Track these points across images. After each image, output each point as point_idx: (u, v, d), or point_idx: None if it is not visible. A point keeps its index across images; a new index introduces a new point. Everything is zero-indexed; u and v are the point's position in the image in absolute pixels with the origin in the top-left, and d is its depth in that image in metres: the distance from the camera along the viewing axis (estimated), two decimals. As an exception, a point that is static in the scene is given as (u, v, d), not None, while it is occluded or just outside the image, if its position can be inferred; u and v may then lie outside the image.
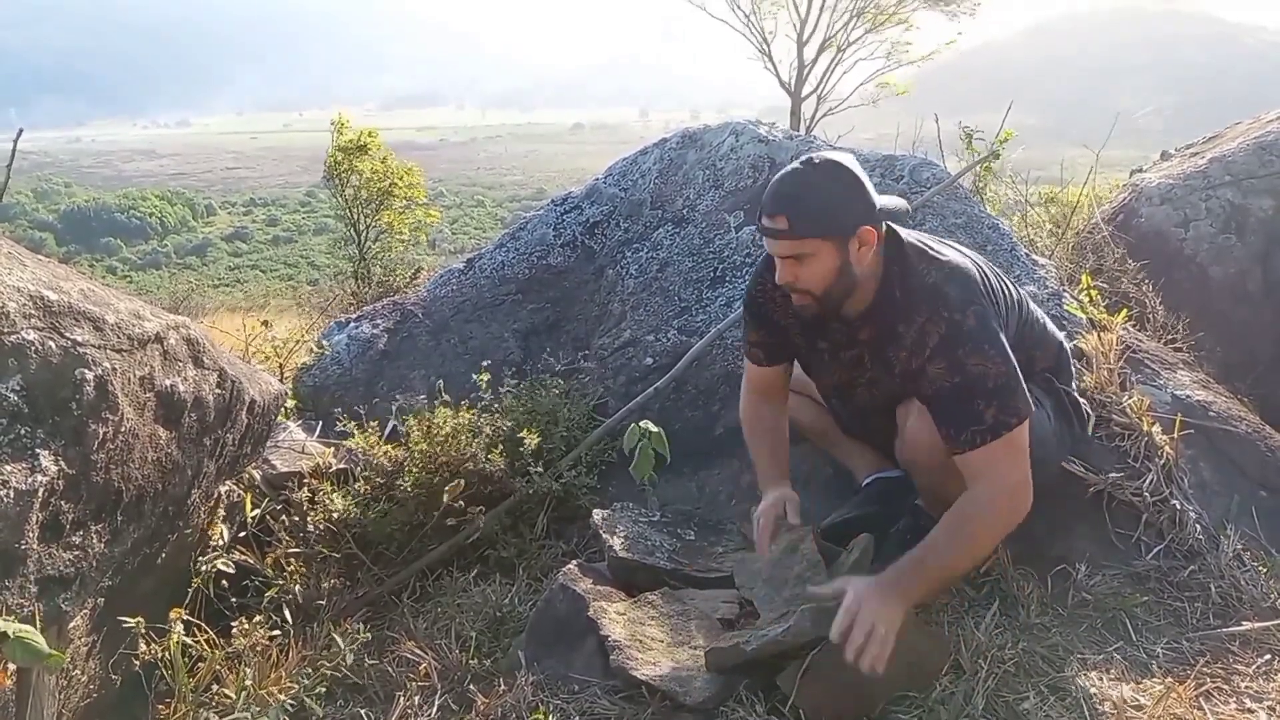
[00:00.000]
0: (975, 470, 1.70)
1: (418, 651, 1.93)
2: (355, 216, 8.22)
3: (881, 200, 1.78)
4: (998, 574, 2.01)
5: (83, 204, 56.87)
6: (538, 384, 2.90)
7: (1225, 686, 1.70)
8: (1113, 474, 2.16)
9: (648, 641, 1.80)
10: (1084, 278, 2.72)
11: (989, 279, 1.89)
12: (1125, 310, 2.71)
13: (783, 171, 1.78)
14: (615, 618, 1.85)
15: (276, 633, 1.89)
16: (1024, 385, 1.73)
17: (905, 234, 1.85)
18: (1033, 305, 2.07)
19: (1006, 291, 1.94)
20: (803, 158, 1.78)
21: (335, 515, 2.27)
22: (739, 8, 16.76)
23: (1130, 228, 3.59)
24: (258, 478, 2.33)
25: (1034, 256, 3.02)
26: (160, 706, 1.71)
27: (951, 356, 1.71)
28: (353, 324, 3.48)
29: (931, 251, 1.83)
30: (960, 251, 1.91)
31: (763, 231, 1.80)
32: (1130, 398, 2.30)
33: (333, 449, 2.61)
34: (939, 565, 1.69)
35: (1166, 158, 4.14)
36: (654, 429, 2.17)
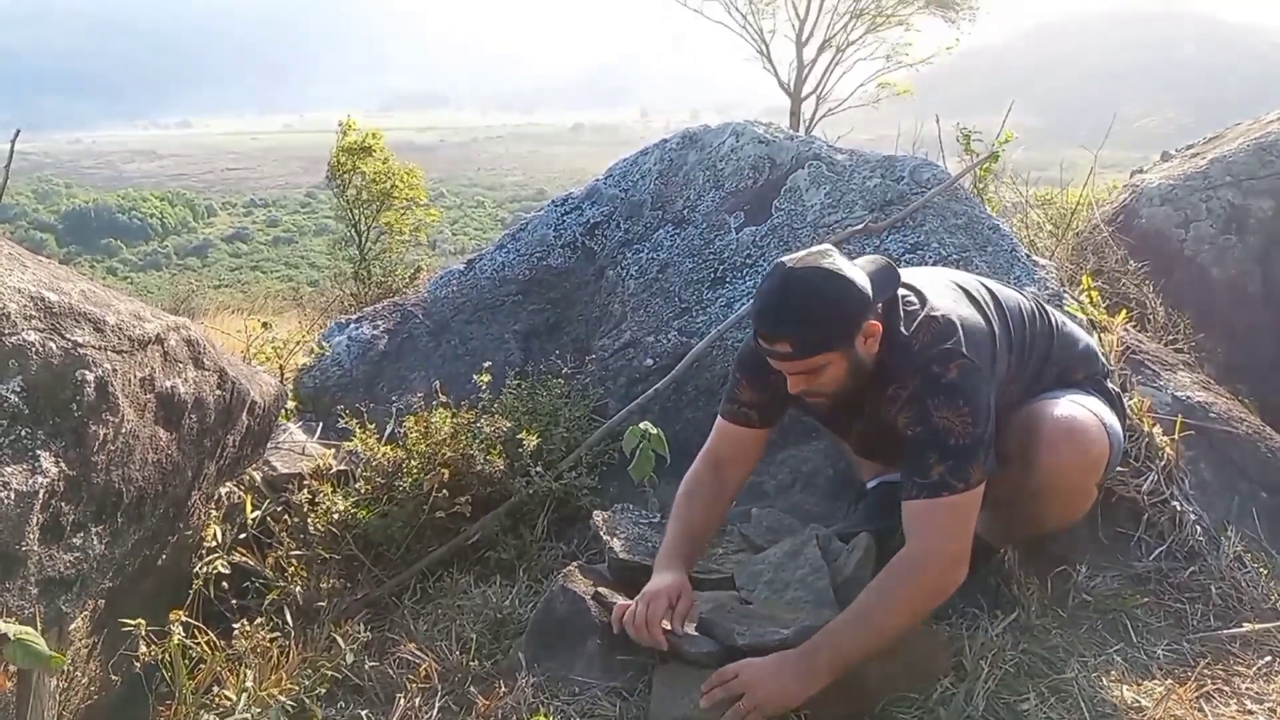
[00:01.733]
0: (910, 524, 1.64)
1: (418, 653, 1.93)
2: (356, 217, 8.23)
3: (871, 275, 1.70)
4: (999, 579, 2.00)
5: (83, 205, 56.90)
6: (538, 385, 2.90)
7: (1226, 688, 1.70)
8: (1113, 475, 2.16)
9: None
10: (1084, 279, 2.72)
11: (992, 309, 1.82)
12: (1126, 311, 2.71)
13: (769, 286, 1.67)
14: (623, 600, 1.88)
15: (277, 634, 1.89)
16: (989, 455, 1.64)
17: (905, 285, 1.78)
18: (1056, 312, 2.00)
19: (1021, 308, 1.89)
20: (781, 267, 1.68)
21: (336, 517, 2.27)
22: (735, 9, 16.76)
23: (1131, 228, 3.59)
24: (258, 479, 2.33)
25: (1034, 257, 3.02)
26: (160, 708, 1.71)
27: (921, 406, 1.65)
28: (353, 325, 3.48)
29: (922, 309, 1.74)
30: (957, 288, 1.84)
31: (764, 352, 1.72)
32: (1131, 399, 2.30)
33: (333, 450, 2.61)
34: (852, 635, 1.60)
35: (1167, 158, 4.14)
36: (654, 430, 2.17)
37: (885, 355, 1.72)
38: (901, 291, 1.76)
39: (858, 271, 1.68)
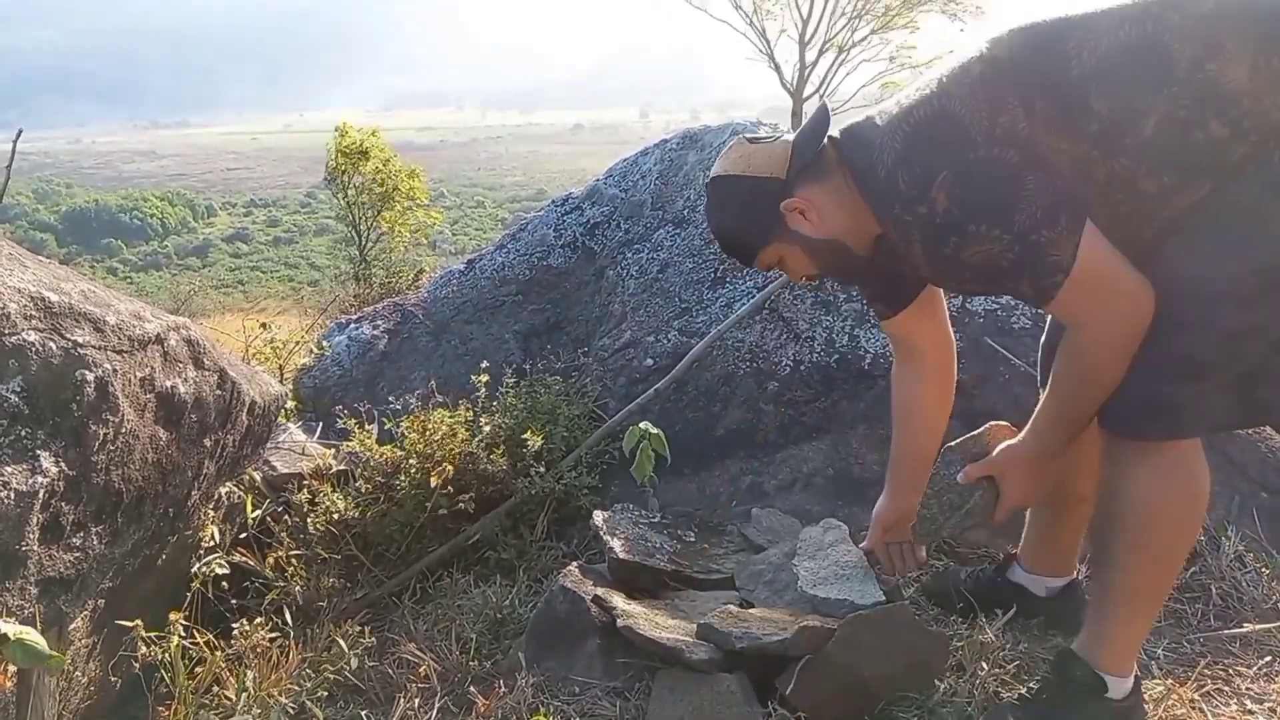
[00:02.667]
0: (1066, 321, 1.44)
1: (418, 653, 1.93)
2: (356, 218, 8.25)
3: (795, 142, 1.55)
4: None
5: (83, 205, 56.94)
6: (538, 384, 2.90)
7: (1226, 688, 1.69)
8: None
9: (654, 620, 1.81)
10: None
11: (968, 86, 1.38)
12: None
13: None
14: (622, 602, 1.87)
15: (277, 634, 1.89)
16: (1052, 221, 1.30)
17: (851, 133, 1.53)
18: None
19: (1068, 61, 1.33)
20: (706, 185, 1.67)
21: (335, 516, 2.27)
22: (740, 8, 16.74)
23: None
24: (258, 479, 2.33)
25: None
26: (160, 708, 1.71)
27: (946, 260, 1.41)
28: (353, 325, 3.48)
29: (878, 137, 1.45)
30: (942, 75, 1.43)
31: None
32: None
33: (332, 450, 2.61)
34: (1062, 416, 1.48)
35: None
36: (654, 430, 2.17)
37: (868, 203, 1.50)
38: (858, 133, 1.52)
39: (762, 153, 1.56)
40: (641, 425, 2.17)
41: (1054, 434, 1.51)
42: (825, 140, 1.56)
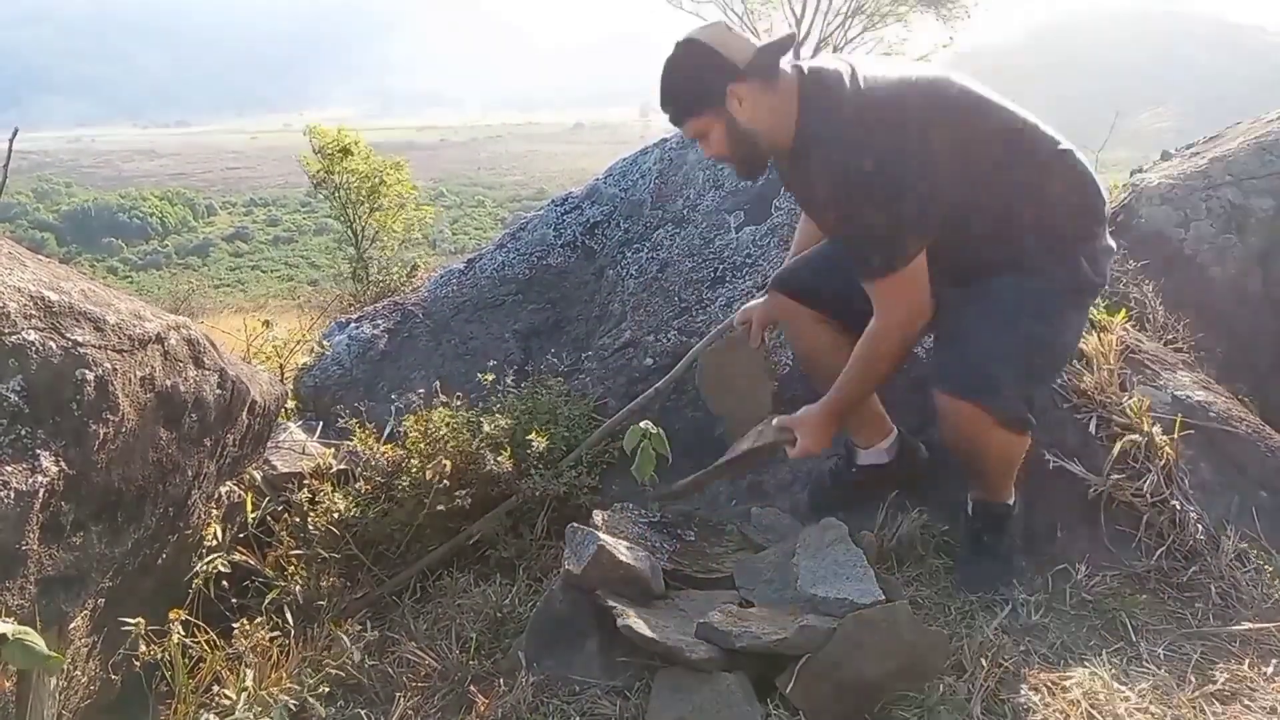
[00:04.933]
0: (872, 300, 1.84)
1: (418, 652, 1.93)
2: (351, 217, 8.25)
3: (757, 47, 1.82)
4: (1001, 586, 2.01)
5: (83, 204, 56.93)
6: (539, 384, 2.90)
7: (1226, 688, 1.69)
8: (1113, 475, 2.16)
9: (653, 620, 1.80)
10: (1084, 278, 2.71)
11: (923, 95, 1.79)
12: (1125, 311, 2.71)
13: None
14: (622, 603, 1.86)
15: (277, 633, 1.89)
16: (919, 225, 1.75)
17: (817, 73, 1.83)
18: (1051, 133, 1.89)
19: (958, 104, 1.82)
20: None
21: (336, 516, 2.27)
22: (731, 10, 16.77)
23: (1130, 228, 3.58)
24: (258, 478, 2.33)
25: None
26: (161, 708, 1.71)
27: (842, 207, 1.80)
28: (353, 324, 3.48)
29: (855, 86, 1.78)
30: (885, 77, 1.81)
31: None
32: (1130, 398, 2.30)
33: (333, 449, 2.61)
34: (852, 389, 1.93)
35: (1167, 158, 4.13)
36: (654, 429, 2.17)
37: (800, 124, 1.82)
38: (819, 71, 1.83)
39: (736, 41, 1.83)
40: (642, 425, 2.17)
41: (841, 402, 1.95)
42: (784, 61, 1.84)
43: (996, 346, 1.80)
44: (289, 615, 2.01)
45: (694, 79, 1.85)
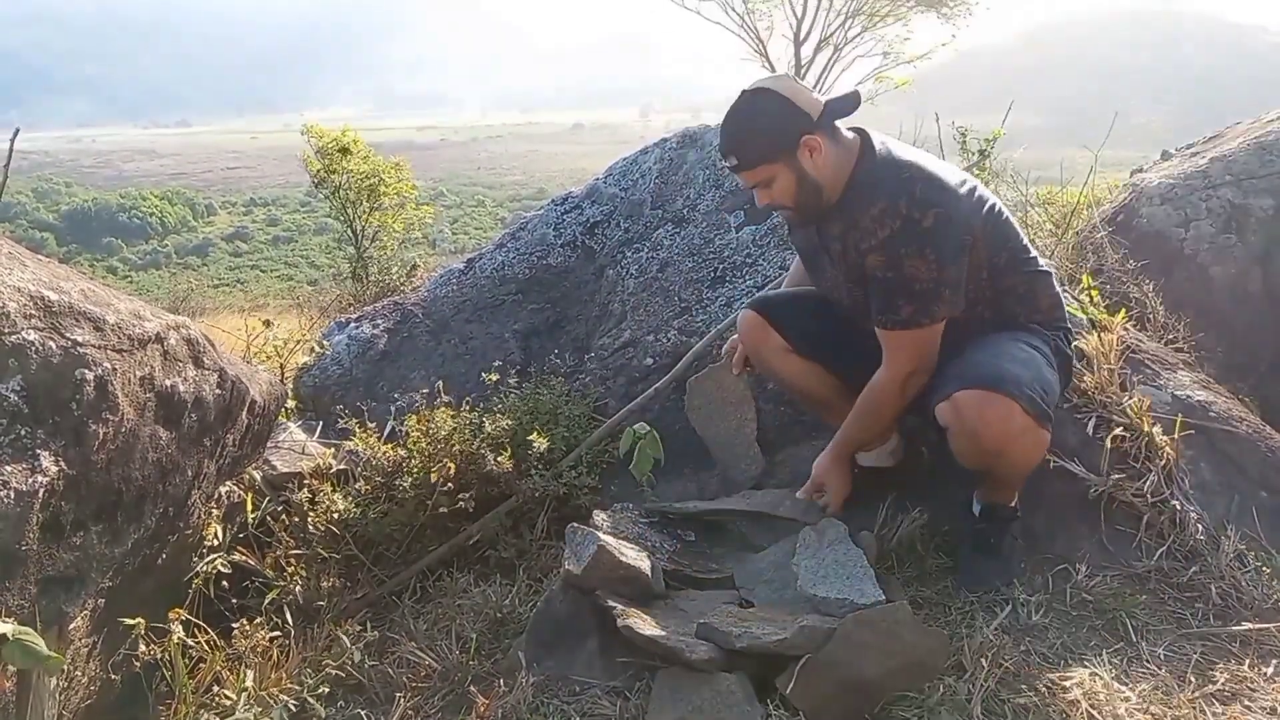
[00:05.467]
0: (885, 349, 1.93)
1: (418, 652, 1.93)
2: (350, 217, 8.25)
3: (827, 102, 1.90)
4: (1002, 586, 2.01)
5: (83, 204, 56.89)
6: (540, 384, 2.90)
7: (1226, 688, 1.69)
8: (1113, 475, 2.16)
9: (653, 621, 1.80)
10: (1084, 278, 2.72)
11: (972, 192, 1.93)
12: (1125, 311, 2.71)
13: (728, 109, 1.96)
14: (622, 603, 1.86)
15: (277, 634, 1.89)
16: (956, 293, 1.86)
17: (883, 139, 1.95)
18: (1028, 245, 2.06)
19: (996, 214, 1.97)
20: (740, 93, 1.94)
21: (336, 516, 2.27)
22: (732, 10, 16.78)
23: (1130, 228, 3.58)
24: (258, 478, 2.33)
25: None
26: (161, 708, 1.71)
27: (894, 252, 1.84)
28: (353, 324, 3.48)
29: (905, 156, 1.91)
30: (946, 167, 1.96)
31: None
32: (1131, 398, 2.30)
33: (333, 449, 2.61)
34: (856, 434, 2.08)
35: (1167, 158, 4.14)
36: (646, 430, 2.19)
37: (855, 178, 1.91)
38: (888, 143, 1.95)
39: (805, 93, 1.90)
40: (636, 427, 2.19)
41: (846, 445, 2.09)
42: (849, 119, 1.94)
43: (1009, 358, 1.88)
44: (289, 615, 2.01)
45: (767, 128, 1.89)
